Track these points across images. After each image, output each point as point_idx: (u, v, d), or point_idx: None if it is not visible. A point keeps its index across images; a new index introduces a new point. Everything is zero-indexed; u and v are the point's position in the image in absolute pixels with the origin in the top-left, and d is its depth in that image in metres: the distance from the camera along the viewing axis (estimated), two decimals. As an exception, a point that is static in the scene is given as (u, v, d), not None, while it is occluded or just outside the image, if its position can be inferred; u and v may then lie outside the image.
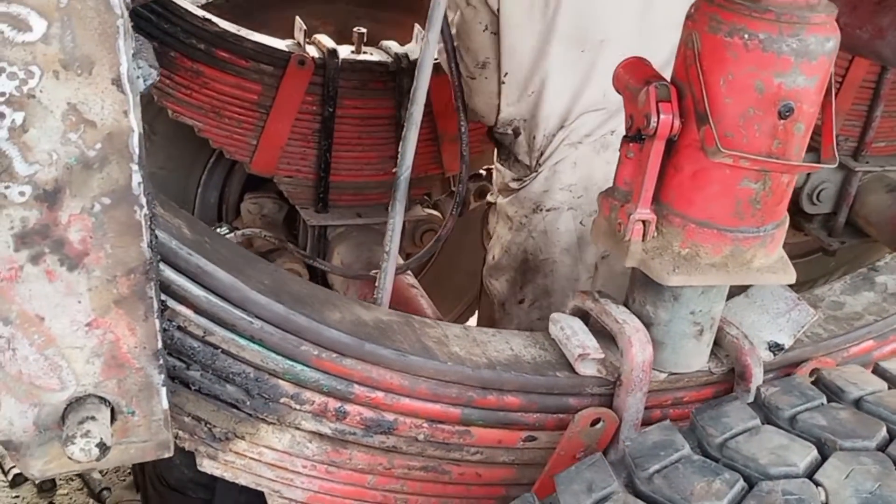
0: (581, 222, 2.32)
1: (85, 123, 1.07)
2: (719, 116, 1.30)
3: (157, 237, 1.18)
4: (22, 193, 1.08)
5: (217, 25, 2.79)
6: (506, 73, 2.24)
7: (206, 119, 2.89)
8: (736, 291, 1.72)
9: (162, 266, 1.25)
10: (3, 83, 1.02)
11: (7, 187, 1.07)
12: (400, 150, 1.88)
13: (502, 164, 2.39)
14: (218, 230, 2.62)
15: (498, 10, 2.19)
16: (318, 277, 3.15)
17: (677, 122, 1.32)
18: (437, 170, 3.22)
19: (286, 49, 2.89)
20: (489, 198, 2.50)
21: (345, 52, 2.97)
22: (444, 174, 3.25)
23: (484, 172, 3.36)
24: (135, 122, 1.09)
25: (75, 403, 1.23)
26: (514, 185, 2.32)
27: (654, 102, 1.32)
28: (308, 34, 2.95)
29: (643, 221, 1.41)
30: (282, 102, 2.91)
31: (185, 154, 3.19)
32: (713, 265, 1.41)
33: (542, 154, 2.24)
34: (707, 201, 1.38)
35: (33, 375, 1.20)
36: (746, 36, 1.26)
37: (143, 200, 1.14)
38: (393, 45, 3.04)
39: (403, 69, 2.95)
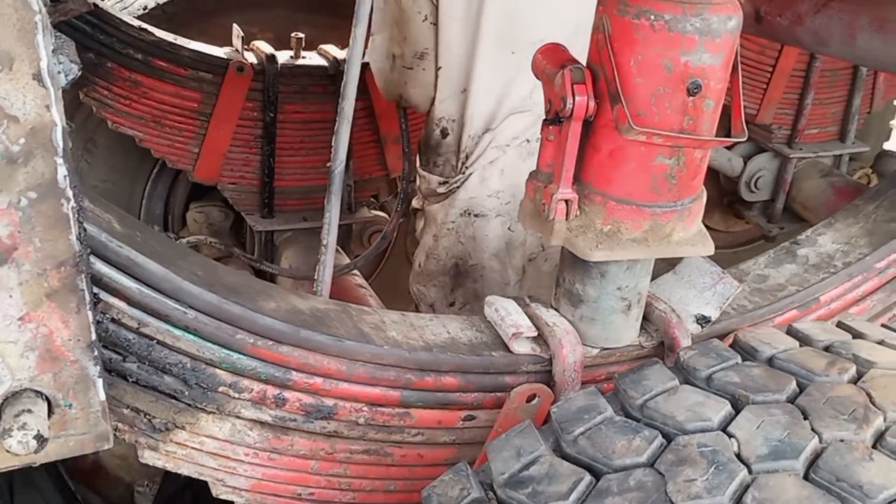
0: (509, 228, 2.33)
1: (8, 119, 1.09)
2: (631, 96, 1.36)
3: (85, 230, 1.20)
4: (-53, 190, 1.10)
5: (153, 35, 2.80)
6: (440, 67, 2.25)
7: (146, 129, 2.90)
8: (665, 268, 1.79)
9: (93, 259, 1.27)
10: (-77, 81, 1.04)
11: (-68, 184, 1.09)
12: (333, 144, 1.91)
13: (425, 169, 2.37)
14: (163, 239, 2.62)
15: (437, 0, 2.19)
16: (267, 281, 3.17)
17: (592, 104, 1.38)
18: (381, 171, 3.26)
19: (224, 56, 2.92)
20: (414, 203, 2.49)
21: (284, 57, 3.00)
22: (389, 175, 3.29)
23: (428, 172, 3.41)
24: (57, 116, 1.11)
25: (11, 398, 1.24)
26: (441, 189, 2.31)
27: (570, 85, 1.37)
28: (246, 41, 2.98)
29: (566, 201, 1.46)
30: (222, 109, 2.93)
31: (129, 165, 3.19)
32: (634, 240, 1.47)
33: (468, 156, 2.25)
34: (625, 178, 1.43)
35: (-33, 372, 1.21)
36: (653, 17, 1.32)
37: (70, 194, 1.16)
38: (332, 49, 3.07)
39: (343, 72, 2.98)
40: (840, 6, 2.31)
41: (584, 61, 1.46)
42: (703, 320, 1.69)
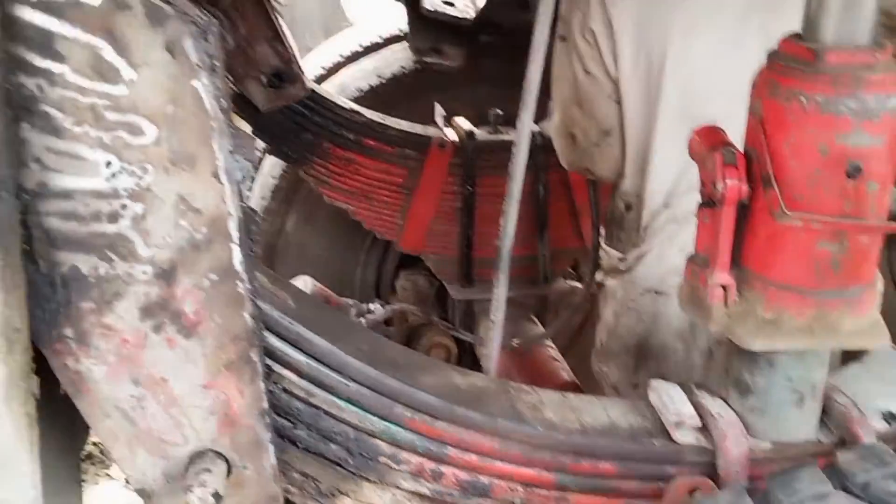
0: None
1: (192, 211, 1.25)
2: (787, 179, 1.32)
3: (259, 308, 1.34)
4: (145, 272, 1.27)
5: (364, 116, 3.03)
6: (625, 143, 2.25)
7: (357, 202, 3.12)
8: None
9: (266, 334, 1.40)
10: (125, 180, 1.22)
11: (132, 267, 1.27)
12: (501, 223, 1.97)
13: (608, 244, 2.36)
14: (370, 306, 2.79)
15: (617, 78, 2.20)
16: (466, 350, 3.28)
17: (745, 187, 1.35)
18: (578, 243, 3.28)
19: (427, 134, 3.09)
20: (597, 277, 2.47)
21: (482, 132, 3.13)
22: (587, 246, 3.30)
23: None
24: (233, 208, 1.26)
25: (196, 457, 1.39)
26: (621, 265, 2.28)
27: (721, 168, 1.36)
28: (449, 118, 3.14)
29: (723, 286, 1.42)
30: (425, 184, 3.10)
31: (345, 236, 3.45)
32: (798, 329, 1.40)
33: (647, 231, 2.21)
34: (786, 264, 1.38)
35: (161, 431, 1.38)
36: (804, 99, 1.28)
37: (245, 276, 1.30)
38: (529, 125, 3.16)
39: (538, 146, 3.06)
40: None
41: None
42: (890, 417, 1.56)
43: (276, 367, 1.44)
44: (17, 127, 1.17)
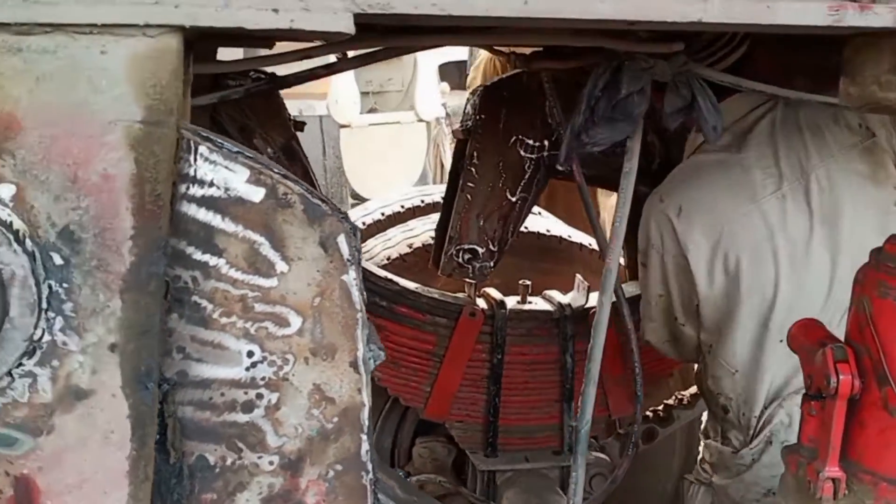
0: None
1: (326, 401, 1.25)
2: (900, 376, 1.36)
3: (378, 499, 1.32)
4: (271, 463, 1.25)
5: (397, 284, 3.06)
6: (710, 346, 2.30)
7: (385, 370, 3.08)
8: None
9: (380, 524, 1.37)
10: (264, 369, 1.22)
11: (259, 457, 1.25)
12: (580, 404, 1.98)
13: (715, 440, 2.35)
14: (393, 476, 2.72)
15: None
16: (488, 523, 3.19)
17: (857, 382, 1.39)
18: (602, 412, 3.27)
19: (458, 303, 3.12)
20: (701, 476, 2.42)
21: (511, 302, 3.17)
22: (611, 416, 3.29)
23: (651, 414, 3.38)
24: (366, 397, 1.26)
25: None
26: (736, 466, 2.24)
27: (832, 363, 1.39)
28: (478, 287, 3.18)
29: (833, 479, 1.44)
30: (454, 351, 3.10)
31: (363, 402, 3.40)
32: (911, 523, 1.41)
33: (756, 430, 2.21)
34: (896, 459, 1.40)
35: None
36: (916, 300, 1.34)
37: (369, 466, 1.29)
38: (556, 295, 3.21)
39: (567, 316, 3.10)
40: None
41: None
42: None
43: (386, 559, 1.40)
44: (168, 317, 1.17)
